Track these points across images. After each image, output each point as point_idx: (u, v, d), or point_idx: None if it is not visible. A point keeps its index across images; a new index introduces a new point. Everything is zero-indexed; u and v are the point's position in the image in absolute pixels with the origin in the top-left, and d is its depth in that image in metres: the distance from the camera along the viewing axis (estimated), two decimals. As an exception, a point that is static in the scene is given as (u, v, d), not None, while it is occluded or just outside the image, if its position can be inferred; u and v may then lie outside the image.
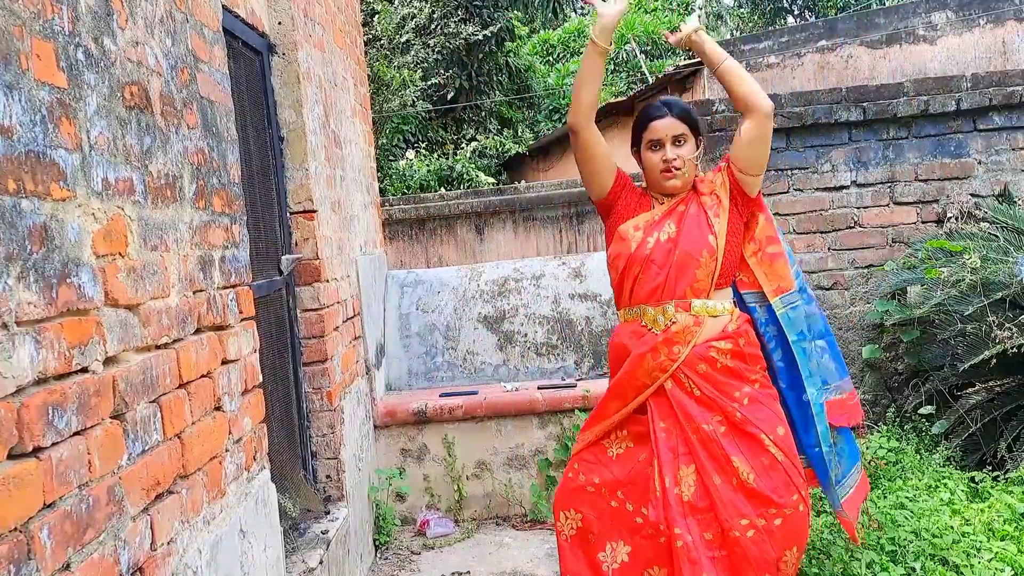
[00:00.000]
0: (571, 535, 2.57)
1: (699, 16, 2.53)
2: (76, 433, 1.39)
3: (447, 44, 12.64)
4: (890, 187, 4.85)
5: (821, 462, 2.62)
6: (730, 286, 2.61)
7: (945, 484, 3.74)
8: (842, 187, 4.86)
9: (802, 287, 2.62)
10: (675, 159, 2.53)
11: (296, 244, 3.39)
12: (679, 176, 2.55)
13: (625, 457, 2.54)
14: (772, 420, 2.47)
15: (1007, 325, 3.86)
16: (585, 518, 2.54)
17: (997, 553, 3.09)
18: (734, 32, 20.74)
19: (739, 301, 2.65)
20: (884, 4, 15.11)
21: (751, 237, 2.63)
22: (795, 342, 2.57)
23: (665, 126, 2.55)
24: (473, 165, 12.20)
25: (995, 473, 3.84)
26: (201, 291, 2.00)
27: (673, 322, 2.48)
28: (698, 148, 2.61)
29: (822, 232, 4.87)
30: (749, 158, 2.56)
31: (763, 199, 2.68)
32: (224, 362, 2.12)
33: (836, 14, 15.91)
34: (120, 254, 1.59)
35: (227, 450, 2.10)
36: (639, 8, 19.72)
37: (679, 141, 2.55)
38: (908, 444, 4.27)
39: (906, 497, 3.64)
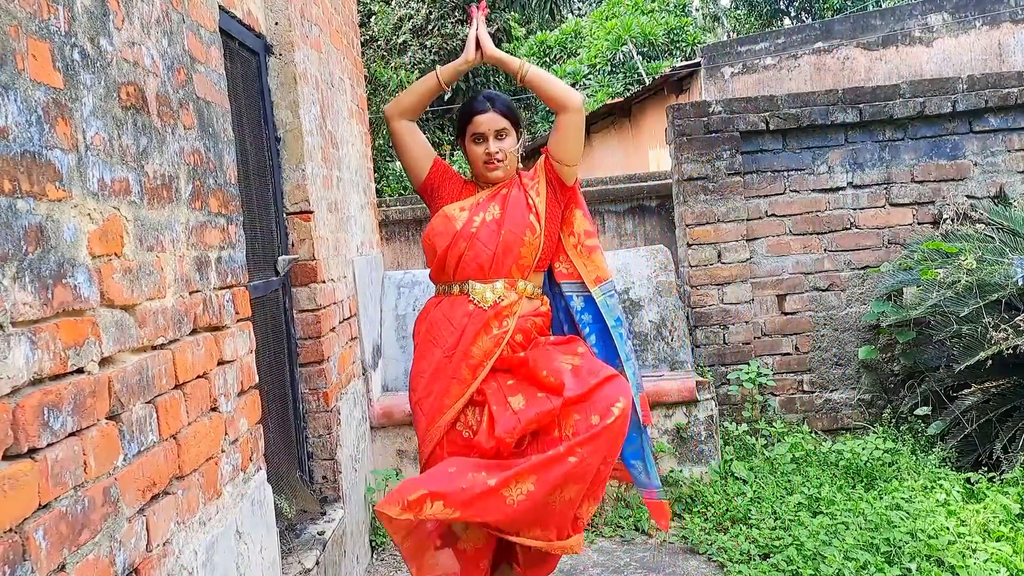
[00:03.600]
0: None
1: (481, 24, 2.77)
2: (72, 434, 1.38)
3: (444, 45, 12.64)
4: (886, 188, 4.86)
5: (635, 455, 2.81)
6: (544, 272, 2.81)
7: (941, 485, 3.75)
8: (838, 188, 4.87)
9: (612, 283, 2.86)
10: (497, 152, 2.72)
11: (293, 245, 3.39)
12: (501, 168, 2.74)
13: (480, 435, 2.61)
14: (577, 342, 2.73)
15: (1003, 326, 3.87)
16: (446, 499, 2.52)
17: (993, 554, 3.10)
18: (731, 33, 20.75)
19: (554, 293, 2.88)
20: (880, 6, 15.14)
21: (571, 231, 2.84)
22: (613, 327, 2.78)
23: (487, 120, 2.72)
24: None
25: (991, 474, 3.85)
26: (197, 292, 2.00)
27: (501, 298, 2.66)
28: (519, 141, 2.80)
29: (818, 233, 4.88)
30: (563, 148, 2.75)
31: (580, 194, 2.87)
32: (220, 363, 2.12)
33: (833, 16, 15.94)
34: (116, 255, 1.59)
35: (223, 451, 2.09)
36: (636, 9, 19.74)
37: (501, 135, 2.72)
38: (904, 445, 4.28)
39: (902, 498, 3.65)
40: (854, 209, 4.87)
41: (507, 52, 14.99)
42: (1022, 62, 9.26)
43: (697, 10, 22.05)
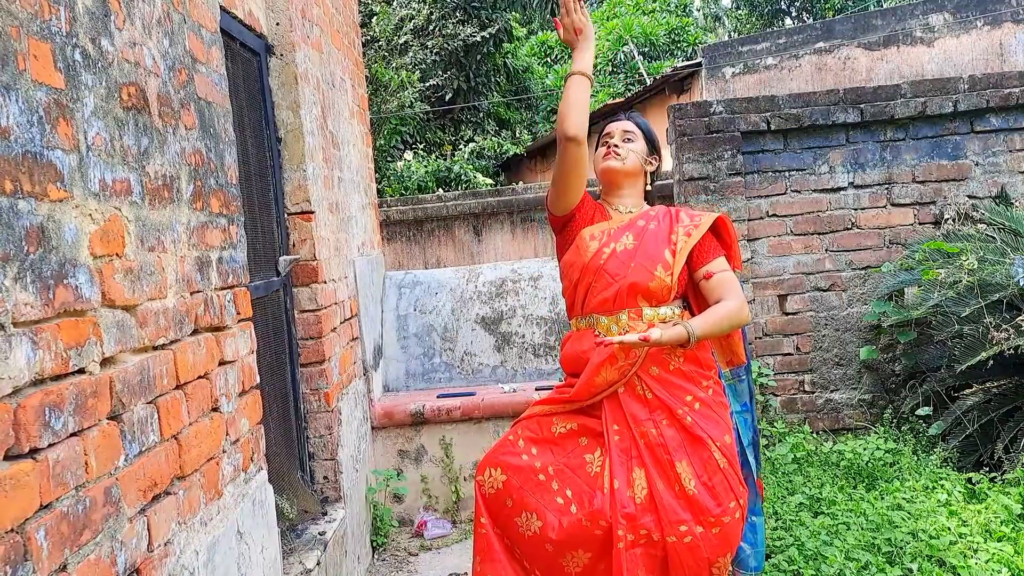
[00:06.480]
0: (491, 492, 2.54)
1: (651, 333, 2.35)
2: (73, 434, 1.39)
3: (445, 45, 12.65)
4: (887, 188, 4.85)
5: (747, 536, 2.64)
6: (683, 297, 2.61)
7: (942, 485, 3.75)
8: (839, 188, 4.86)
9: (748, 367, 2.66)
10: (618, 145, 2.58)
11: (294, 245, 3.39)
12: (617, 159, 2.56)
13: (567, 437, 2.54)
14: (720, 427, 2.47)
15: (1004, 326, 3.86)
16: (508, 482, 2.51)
17: (994, 554, 3.09)
18: (732, 33, 20.76)
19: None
20: (882, 6, 15.14)
21: None
22: (738, 412, 2.61)
23: (619, 125, 2.62)
24: (471, 166, 12.22)
25: (992, 474, 3.85)
26: (198, 292, 2.00)
27: (627, 331, 2.45)
28: (650, 159, 2.64)
29: (819, 233, 4.88)
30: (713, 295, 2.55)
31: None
32: (221, 363, 2.12)
33: (834, 16, 15.95)
34: (117, 255, 1.59)
35: (224, 451, 2.10)
36: (637, 10, 19.74)
37: (629, 138, 2.61)
38: (905, 445, 4.27)
39: (903, 498, 3.65)
40: (855, 209, 4.87)
41: (508, 52, 14.69)
42: (1023, 62, 9.26)
43: (698, 10, 22.06)
